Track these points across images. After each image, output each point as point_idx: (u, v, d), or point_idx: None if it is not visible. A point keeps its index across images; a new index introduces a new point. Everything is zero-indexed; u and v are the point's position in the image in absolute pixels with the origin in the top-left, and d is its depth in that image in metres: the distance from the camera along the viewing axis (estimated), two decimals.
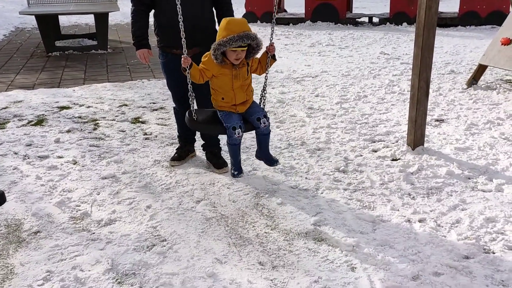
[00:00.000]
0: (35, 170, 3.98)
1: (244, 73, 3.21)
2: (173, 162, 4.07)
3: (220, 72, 3.16)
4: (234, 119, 3.21)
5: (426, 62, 4.06)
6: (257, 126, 3.29)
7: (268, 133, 3.37)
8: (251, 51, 3.15)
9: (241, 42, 2.98)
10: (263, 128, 3.30)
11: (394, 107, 5.65)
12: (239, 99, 3.24)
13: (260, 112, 3.29)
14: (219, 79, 3.19)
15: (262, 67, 3.32)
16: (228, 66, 3.14)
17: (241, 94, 3.24)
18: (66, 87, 6.63)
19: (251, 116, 3.29)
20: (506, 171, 3.89)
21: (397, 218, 3.24)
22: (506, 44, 6.04)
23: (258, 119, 3.26)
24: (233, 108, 3.25)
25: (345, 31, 11.57)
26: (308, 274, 2.67)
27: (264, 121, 3.27)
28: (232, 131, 3.19)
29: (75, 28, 12.57)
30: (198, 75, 3.19)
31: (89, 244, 2.96)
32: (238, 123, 3.20)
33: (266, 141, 3.42)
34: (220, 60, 3.09)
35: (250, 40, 3.03)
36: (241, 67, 3.18)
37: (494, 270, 2.69)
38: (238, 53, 3.06)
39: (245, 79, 3.24)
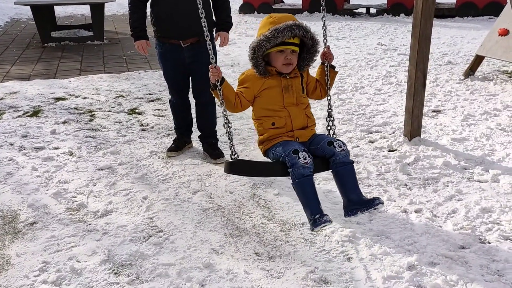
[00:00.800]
0: (31, 161, 3.97)
1: (298, 86, 2.42)
2: (170, 153, 4.06)
3: (265, 86, 2.39)
4: (293, 144, 2.35)
5: (423, 52, 4.05)
6: (330, 153, 2.34)
7: (349, 163, 2.38)
8: (304, 57, 2.43)
9: (290, 33, 2.26)
10: (340, 154, 2.34)
11: (391, 98, 5.64)
12: (298, 122, 2.40)
13: (330, 137, 2.49)
14: (264, 97, 2.40)
15: (322, 85, 2.52)
16: (275, 76, 2.40)
17: (299, 114, 2.41)
18: (62, 78, 6.59)
19: (318, 144, 2.40)
20: (502, 161, 3.90)
21: (393, 208, 3.25)
22: (503, 35, 6.03)
23: (330, 143, 2.37)
24: (291, 135, 2.41)
25: (343, 22, 11.53)
26: (305, 264, 2.68)
27: (339, 144, 2.36)
28: (293, 156, 2.26)
29: (71, 19, 12.49)
30: (233, 97, 2.37)
31: (85, 235, 2.96)
32: (301, 147, 2.32)
33: (351, 177, 2.39)
34: (263, 69, 2.36)
35: (302, 31, 2.29)
36: (293, 77, 2.43)
37: (490, 260, 2.70)
38: (287, 55, 2.32)
39: (301, 96, 2.44)
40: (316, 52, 2.42)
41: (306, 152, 2.28)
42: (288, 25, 2.26)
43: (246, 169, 2.43)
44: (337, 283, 2.53)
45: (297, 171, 2.25)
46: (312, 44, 2.39)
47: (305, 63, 2.43)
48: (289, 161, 2.26)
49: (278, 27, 2.26)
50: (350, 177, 2.36)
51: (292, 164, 2.25)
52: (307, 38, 2.35)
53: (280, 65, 2.35)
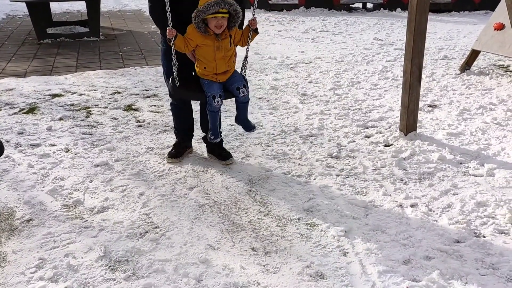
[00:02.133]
0: (27, 158, 3.96)
1: (227, 44, 3.30)
2: (171, 159, 3.89)
3: (204, 42, 3.26)
4: (214, 88, 3.33)
5: (419, 47, 4.06)
6: (236, 95, 3.42)
7: (246, 101, 3.50)
8: (232, 20, 3.24)
9: (219, 7, 3.09)
10: (242, 97, 3.43)
11: (387, 93, 5.65)
12: (221, 69, 3.35)
13: (240, 81, 3.40)
14: (202, 49, 3.29)
15: (244, 39, 3.42)
16: (211, 37, 3.23)
17: (223, 65, 3.35)
18: (58, 75, 6.57)
19: (231, 85, 3.40)
20: (497, 156, 3.92)
21: (389, 203, 3.26)
22: (499, 29, 6.04)
23: (238, 88, 3.38)
24: (214, 77, 3.35)
25: (339, 17, 11.52)
26: (301, 259, 2.69)
27: (243, 90, 3.38)
28: (212, 100, 3.31)
29: (67, 15, 12.44)
30: (183, 45, 3.28)
31: (81, 232, 2.96)
32: (218, 92, 3.32)
33: (244, 109, 3.55)
34: (203, 29, 3.19)
35: (227, 6, 3.13)
36: (223, 39, 3.27)
37: (485, 254, 2.72)
38: (219, 20, 3.16)
39: (228, 51, 3.33)
40: (238, 18, 3.26)
41: (220, 97, 3.32)
42: (217, 1, 3.08)
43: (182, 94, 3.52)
44: (333, 278, 2.54)
45: (211, 107, 3.40)
46: (235, 13, 3.22)
47: (231, 25, 3.27)
48: (208, 100, 3.34)
49: (210, 2, 3.07)
50: (244, 110, 3.55)
51: (209, 103, 3.35)
52: (231, 9, 3.18)
53: (213, 27, 3.19)
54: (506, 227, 2.95)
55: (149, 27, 10.56)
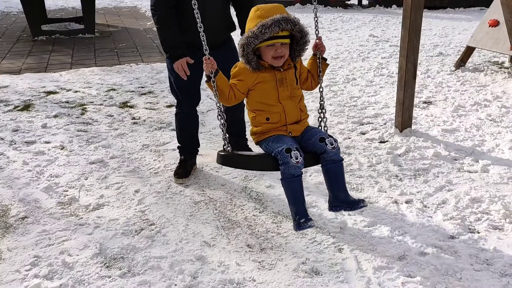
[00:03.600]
0: (22, 155, 3.95)
1: (292, 77, 2.42)
2: (180, 180, 3.49)
3: (259, 80, 2.38)
4: (285, 141, 2.35)
5: (414, 44, 4.06)
6: (321, 149, 2.36)
7: (340, 160, 2.42)
8: (295, 48, 2.41)
9: (278, 28, 2.24)
10: (331, 152, 2.36)
11: (382, 89, 5.66)
12: (292, 116, 2.41)
13: (323, 132, 2.49)
14: (258, 90, 2.40)
15: (313, 76, 2.55)
16: (269, 70, 2.40)
17: (293, 109, 2.43)
18: (53, 72, 6.55)
19: (309, 139, 2.41)
20: (492, 152, 3.93)
21: (384, 199, 3.27)
22: (493, 26, 6.05)
23: (322, 139, 2.37)
24: (284, 130, 2.43)
25: (335, 14, 11.52)
26: (296, 256, 2.69)
27: (330, 141, 2.37)
28: (286, 155, 2.26)
29: (62, 12, 12.38)
30: (227, 89, 2.39)
31: (77, 229, 2.96)
32: (294, 145, 2.33)
33: (340, 174, 2.45)
34: (255, 64, 2.35)
35: (290, 25, 2.27)
36: (286, 69, 2.42)
37: (479, 249, 2.73)
38: (277, 48, 2.31)
39: (295, 88, 2.45)
40: (306, 42, 2.41)
41: (298, 151, 2.30)
42: (275, 19, 2.24)
43: (238, 162, 2.49)
44: (328, 274, 2.55)
45: (288, 171, 2.29)
46: (301, 36, 2.37)
47: (296, 54, 2.42)
48: (281, 159, 2.28)
49: (265, 22, 2.24)
50: (339, 175, 2.43)
51: (284, 162, 2.28)
52: (295, 31, 2.34)
53: (270, 59, 2.35)
54: (500, 223, 2.97)
55: (144, 24, 10.52)
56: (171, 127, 4.53)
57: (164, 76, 6.22)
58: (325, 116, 2.59)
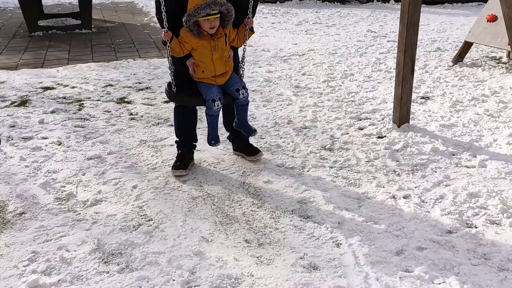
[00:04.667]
0: (19, 151, 3.94)
1: (222, 43, 3.24)
2: (178, 171, 3.53)
3: (199, 44, 3.19)
4: (213, 91, 3.27)
5: (411, 39, 4.06)
6: (235, 97, 3.36)
7: (246, 103, 3.45)
8: (225, 19, 3.16)
9: (209, 9, 3.01)
10: (242, 99, 3.37)
11: (380, 85, 5.66)
12: (219, 70, 3.29)
13: (239, 83, 3.36)
14: (199, 52, 3.23)
15: (240, 38, 3.36)
16: (206, 37, 3.17)
17: (221, 66, 3.28)
18: (50, 68, 6.52)
19: (230, 87, 3.35)
20: (489, 147, 3.94)
21: (382, 194, 3.27)
22: (491, 21, 6.05)
23: (237, 90, 3.33)
24: (213, 80, 3.30)
25: (332, 9, 11.50)
26: (294, 251, 2.70)
27: (243, 92, 3.34)
28: (211, 103, 3.25)
29: (58, 7, 12.32)
30: (178, 48, 3.21)
31: (74, 225, 2.95)
32: (218, 96, 3.26)
33: (244, 112, 3.49)
34: (196, 32, 3.13)
35: (218, 6, 3.05)
36: (219, 37, 3.20)
37: (476, 244, 2.74)
38: (212, 21, 3.09)
39: (224, 50, 3.27)
40: (231, 16, 3.16)
41: (220, 100, 3.26)
42: (207, 3, 2.99)
43: (179, 99, 3.44)
44: (326, 269, 2.55)
45: (210, 112, 3.33)
46: (227, 11, 3.12)
47: (225, 23, 3.19)
48: (207, 104, 3.28)
49: (199, 5, 2.99)
50: (244, 113, 3.50)
51: (209, 107, 3.29)
52: (223, 9, 3.08)
53: (207, 28, 3.12)
54: (498, 218, 2.98)
55: (141, 19, 10.49)
56: (168, 123, 4.52)
57: (162, 72, 6.21)
58: (243, 67, 3.50)
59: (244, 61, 3.49)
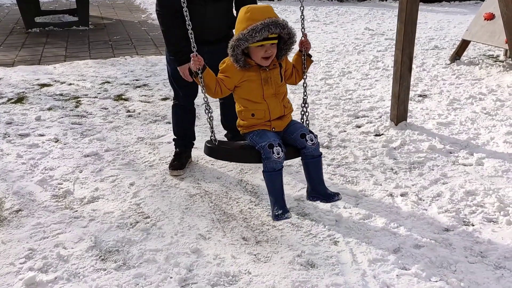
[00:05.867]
0: (15, 148, 3.93)
1: (277, 76, 2.50)
2: (175, 172, 3.48)
3: (245, 78, 2.47)
4: (269, 136, 2.47)
5: (409, 37, 4.06)
6: (301, 145, 2.50)
7: (319, 155, 2.57)
8: (282, 48, 2.48)
9: (268, 32, 2.31)
10: (311, 148, 2.51)
11: (378, 82, 5.66)
12: (275, 113, 2.52)
13: (304, 128, 2.58)
14: (245, 88, 2.49)
15: (298, 72, 2.62)
16: (255, 68, 2.47)
17: (277, 106, 2.53)
18: (47, 64, 6.50)
19: (291, 134, 2.54)
20: (486, 145, 3.94)
21: (379, 192, 3.27)
22: (489, 19, 6.05)
23: (303, 135, 2.50)
24: (268, 125, 2.54)
25: (330, 7, 11.49)
26: (291, 249, 2.70)
27: (311, 137, 2.50)
28: (268, 150, 2.40)
29: (55, 4, 12.28)
30: (213, 84, 2.47)
31: (71, 222, 2.95)
32: (276, 141, 2.44)
33: (318, 168, 2.60)
34: (243, 62, 2.42)
35: (279, 29, 2.35)
36: (271, 69, 2.49)
37: (473, 242, 2.75)
38: (267, 49, 2.38)
39: (279, 86, 2.53)
40: (293, 43, 2.48)
41: (280, 146, 2.43)
42: (265, 24, 2.31)
43: (224, 154, 2.65)
44: (324, 267, 2.55)
45: (269, 165, 2.44)
46: (289, 37, 2.44)
47: (282, 53, 2.50)
48: (264, 153, 2.43)
49: (255, 26, 2.31)
50: (318, 169, 2.59)
51: (266, 157, 2.42)
52: (283, 33, 2.41)
53: (260, 59, 2.42)
54: (495, 216, 2.98)
55: (139, 16, 10.46)
56: (166, 120, 4.51)
57: (159, 69, 6.19)
58: (308, 111, 2.68)
59: (307, 102, 2.67)
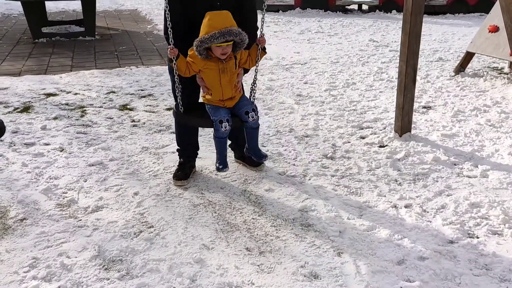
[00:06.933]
0: (21, 157, 3.95)
1: (232, 66, 3.09)
2: (179, 182, 3.52)
3: (206, 66, 3.05)
4: (221, 112, 3.13)
5: (413, 48, 4.07)
6: (245, 120, 3.19)
7: (256, 127, 3.28)
8: (237, 46, 3.03)
9: (223, 39, 2.87)
10: (252, 122, 3.21)
11: (382, 94, 5.67)
12: (227, 95, 3.15)
13: (249, 105, 3.21)
14: (206, 74, 3.10)
15: (252, 59, 3.21)
16: (215, 59, 3.03)
17: (229, 90, 3.14)
18: (53, 74, 6.55)
19: (239, 109, 3.20)
20: (491, 157, 3.93)
21: (383, 204, 3.27)
22: (493, 31, 6.07)
23: (247, 112, 3.17)
24: (221, 103, 3.17)
25: (335, 18, 11.55)
26: (295, 260, 2.69)
27: (252, 115, 3.18)
28: (218, 125, 3.11)
29: (62, 15, 12.40)
30: (184, 68, 3.08)
31: (75, 231, 2.95)
32: (226, 117, 3.12)
33: (254, 136, 3.33)
34: (205, 55, 2.99)
35: (233, 37, 2.91)
36: (228, 61, 3.06)
37: (478, 254, 2.73)
38: (224, 48, 2.95)
39: (233, 73, 3.13)
40: (244, 44, 3.02)
41: (227, 122, 3.11)
42: (221, 33, 2.86)
43: (186, 120, 3.34)
44: (327, 278, 2.54)
45: (218, 134, 3.18)
46: (241, 41, 2.99)
47: (237, 49, 3.06)
48: (215, 126, 3.13)
49: (213, 34, 2.85)
50: (254, 136, 3.33)
51: (216, 129, 3.15)
52: (237, 38, 2.95)
53: (219, 54, 2.99)
54: (500, 228, 2.97)
55: (144, 27, 10.54)
56: (170, 130, 4.53)
57: (164, 79, 6.23)
58: (255, 89, 3.38)
59: (256, 83, 3.36)
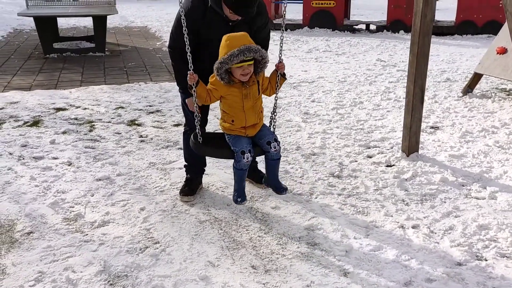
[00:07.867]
0: (29, 171, 3.97)
1: (255, 92, 3.03)
2: (185, 198, 3.54)
3: (229, 92, 2.98)
4: (243, 143, 3.03)
5: (421, 69, 4.09)
6: (266, 150, 3.09)
7: (278, 158, 3.18)
8: (258, 66, 2.98)
9: (243, 56, 2.82)
10: (274, 153, 3.10)
11: (389, 113, 5.67)
12: (250, 121, 3.05)
13: (271, 135, 3.12)
14: (229, 100, 3.01)
15: (272, 87, 3.17)
16: (238, 85, 2.97)
17: (252, 116, 3.05)
18: (63, 89, 6.62)
19: (260, 139, 3.10)
20: (499, 179, 3.91)
21: (390, 224, 3.25)
22: (501, 53, 6.08)
23: (269, 143, 3.07)
24: (243, 131, 3.06)
25: (342, 37, 11.62)
26: (301, 278, 2.67)
27: (275, 145, 3.08)
28: (240, 156, 2.98)
29: (74, 31, 12.58)
30: (205, 95, 3.00)
31: (81, 246, 2.95)
32: (248, 147, 3.01)
33: (275, 167, 3.21)
34: (227, 79, 2.93)
35: (253, 53, 2.86)
36: (251, 85, 3.00)
37: (486, 277, 2.70)
38: (245, 68, 2.89)
39: (257, 99, 3.06)
40: (265, 63, 2.98)
41: (250, 152, 3.01)
42: (241, 50, 2.82)
43: (207, 151, 3.22)
44: None
45: (239, 165, 3.05)
46: (262, 57, 2.94)
47: (258, 70, 3.01)
48: (237, 157, 3.01)
49: (232, 52, 2.81)
50: (275, 168, 3.22)
51: (238, 160, 3.03)
52: (257, 55, 2.91)
53: (239, 75, 2.93)
54: (508, 251, 2.94)
55: (154, 44, 10.66)
56: (178, 146, 4.55)
57: (172, 95, 6.28)
58: (275, 118, 3.29)
59: (276, 112, 3.26)
